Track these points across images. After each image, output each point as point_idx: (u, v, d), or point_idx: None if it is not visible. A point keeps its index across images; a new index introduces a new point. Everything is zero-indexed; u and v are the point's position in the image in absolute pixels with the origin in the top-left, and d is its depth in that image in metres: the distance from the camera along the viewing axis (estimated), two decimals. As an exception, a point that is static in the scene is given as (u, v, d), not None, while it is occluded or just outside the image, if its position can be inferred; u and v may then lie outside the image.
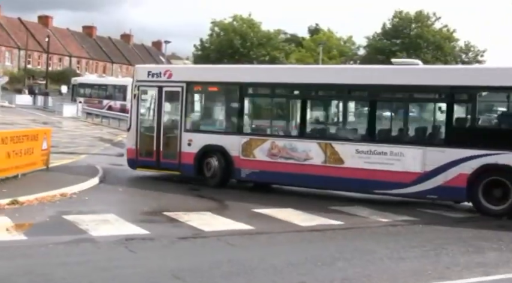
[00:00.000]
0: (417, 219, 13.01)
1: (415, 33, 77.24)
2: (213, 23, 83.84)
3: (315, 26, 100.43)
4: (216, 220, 11.95)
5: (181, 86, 16.99)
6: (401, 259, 9.37)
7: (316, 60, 77.50)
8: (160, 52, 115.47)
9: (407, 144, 14.47)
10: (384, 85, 15.07)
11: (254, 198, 15.38)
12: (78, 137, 30.36)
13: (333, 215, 12.87)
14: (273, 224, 11.90)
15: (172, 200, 14.63)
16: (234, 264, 8.66)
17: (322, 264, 8.77)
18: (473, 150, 13.48)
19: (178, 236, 10.33)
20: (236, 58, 77.56)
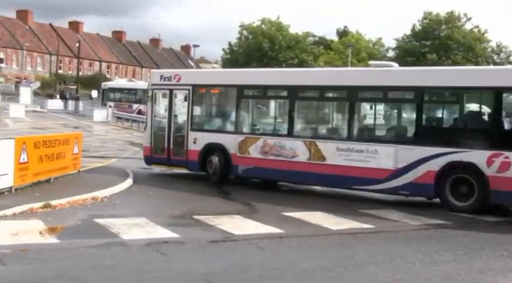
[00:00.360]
0: (450, 223, 12.84)
1: (445, 35, 76.41)
2: (241, 27, 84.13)
3: (343, 29, 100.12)
4: (246, 223, 11.93)
5: (188, 89, 18.46)
6: (434, 263, 9.24)
7: (344, 62, 77.20)
8: (189, 56, 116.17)
9: (381, 142, 15.22)
10: (360, 86, 15.90)
11: (284, 201, 15.35)
12: (108, 141, 30.66)
13: (363, 218, 12.76)
14: (303, 227, 11.84)
15: (202, 203, 14.67)
16: (265, 267, 8.63)
17: (353, 268, 8.70)
18: (439, 148, 14.06)
19: (209, 240, 10.33)
20: (264, 61, 77.66)
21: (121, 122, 45.77)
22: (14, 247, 9.23)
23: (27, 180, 14.14)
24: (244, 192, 16.46)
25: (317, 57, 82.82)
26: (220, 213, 12.96)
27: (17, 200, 12.50)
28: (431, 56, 73.40)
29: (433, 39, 77.06)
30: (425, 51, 74.66)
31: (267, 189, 17.10)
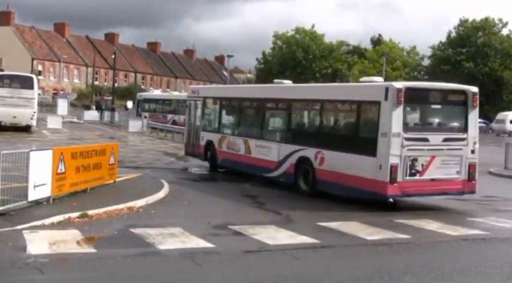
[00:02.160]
0: (489, 233, 12.62)
1: (481, 41, 75.40)
2: (275, 36, 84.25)
3: (377, 37, 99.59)
4: (280, 233, 11.90)
5: (201, 100, 24.49)
6: (473, 274, 9.11)
7: (379, 71, 76.72)
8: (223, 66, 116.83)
9: (273, 141, 19.84)
10: (263, 98, 21.35)
11: (319, 210, 15.28)
12: (143, 151, 30.90)
13: (399, 228, 12.63)
14: (338, 238, 11.76)
15: (237, 213, 14.67)
16: (300, 278, 8.59)
17: (389, 279, 8.61)
18: (297, 146, 18.36)
19: (244, 250, 10.33)
20: (298, 71, 77.59)
21: (156, 132, 46.09)
22: (52, 257, 9.37)
23: (65, 190, 14.32)
24: (279, 201, 16.46)
25: (351, 66, 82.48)
26: (255, 223, 12.94)
27: (55, 210, 12.67)
28: (468, 64, 72.40)
29: (469, 46, 76.12)
30: (461, 59, 73.72)
31: (301, 199, 17.03)
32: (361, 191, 15.69)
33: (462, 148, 15.65)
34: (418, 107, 16.42)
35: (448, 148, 15.55)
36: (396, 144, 14.91)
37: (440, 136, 15.68)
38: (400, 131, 14.98)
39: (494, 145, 33.47)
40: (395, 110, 14.98)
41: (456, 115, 16.47)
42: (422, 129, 15.85)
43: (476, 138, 15.97)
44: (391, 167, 14.84)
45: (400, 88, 15.23)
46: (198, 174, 23.45)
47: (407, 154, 15.01)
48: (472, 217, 14.52)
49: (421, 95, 16.15)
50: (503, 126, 64.99)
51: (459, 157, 15.62)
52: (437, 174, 15.43)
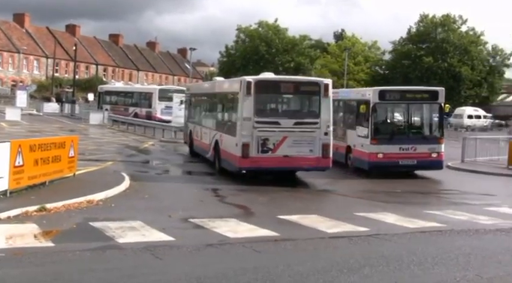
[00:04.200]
0: (445, 226, 12.82)
1: (441, 37, 76.47)
2: (238, 30, 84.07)
3: (340, 32, 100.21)
4: (241, 226, 11.92)
5: (188, 96, 29.29)
6: (430, 266, 9.24)
7: (341, 66, 77.26)
8: (185, 59, 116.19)
9: (208, 127, 23.12)
10: (205, 93, 26.46)
11: (279, 204, 15.40)
12: (104, 144, 30.60)
13: (359, 221, 12.77)
14: (298, 231, 11.83)
15: (198, 207, 14.68)
16: (260, 271, 8.62)
17: (348, 271, 8.70)
18: (214, 131, 21.79)
19: (204, 243, 10.31)
20: (261, 64, 77.59)
21: (117, 125, 45.66)
22: (8, 251, 9.22)
23: (23, 184, 14.10)
24: (240, 195, 16.53)
25: (314, 61, 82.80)
26: (216, 216, 12.94)
27: (12, 203, 12.48)
28: (427, 59, 73.38)
29: (429, 42, 77.14)
30: (421, 54, 74.67)
31: (262, 192, 17.10)
32: (232, 165, 19.01)
33: (315, 131, 18.44)
34: (270, 96, 19.88)
35: (299, 130, 18.36)
36: (247, 127, 18.08)
37: (292, 120, 18.52)
38: (251, 116, 18.09)
39: (452, 139, 34.00)
40: (247, 98, 18.17)
41: (309, 103, 19.70)
42: (274, 115, 19.25)
43: (329, 122, 18.66)
44: (243, 145, 18.11)
45: (250, 81, 18.49)
46: (160, 167, 23.38)
47: (258, 135, 18.12)
48: (430, 210, 14.75)
49: (272, 86, 19.60)
50: (461, 120, 66.15)
51: (312, 138, 18.40)
52: (290, 152, 18.30)
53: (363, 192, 18.52)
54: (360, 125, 22.24)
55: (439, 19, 77.64)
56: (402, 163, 21.31)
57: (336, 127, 22.97)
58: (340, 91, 27.96)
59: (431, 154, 21.37)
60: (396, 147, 21.25)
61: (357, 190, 18.78)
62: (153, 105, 49.46)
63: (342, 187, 19.47)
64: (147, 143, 33.01)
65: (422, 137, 21.97)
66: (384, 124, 22.41)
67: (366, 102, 21.55)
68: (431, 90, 23.62)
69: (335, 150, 22.44)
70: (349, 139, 23.18)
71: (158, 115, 47.35)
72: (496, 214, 14.59)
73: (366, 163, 21.56)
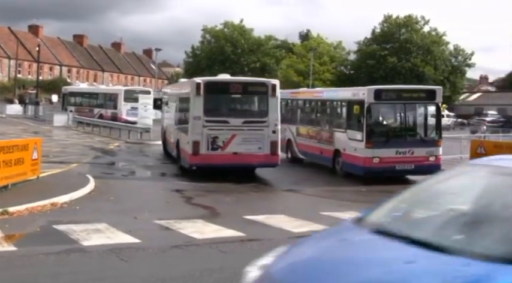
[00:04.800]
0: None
1: (404, 38, 77.40)
2: (204, 30, 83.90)
3: (306, 32, 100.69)
4: (207, 227, 11.92)
5: (163, 97, 30.10)
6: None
7: (307, 66, 77.65)
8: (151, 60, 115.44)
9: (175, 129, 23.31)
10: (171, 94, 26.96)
11: (246, 205, 15.45)
12: (69, 146, 30.24)
13: (325, 221, 12.82)
14: (264, 231, 11.86)
15: (164, 208, 14.64)
16: (226, 271, 8.63)
17: (314, 270, 8.74)
18: (176, 130, 22.50)
19: (170, 244, 10.30)
20: (227, 65, 77.55)
21: (82, 127, 45.13)
22: (-30, 256, 9.07)
23: (-15, 187, 13.87)
24: (207, 195, 16.51)
25: (279, 61, 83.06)
26: (182, 217, 12.92)
27: (-26, 207, 12.26)
28: (392, 59, 74.20)
29: (393, 42, 78.00)
30: (385, 54, 75.48)
31: (229, 193, 17.12)
32: (186, 162, 19.91)
33: (263, 129, 19.25)
34: (219, 97, 20.42)
35: (248, 129, 19.23)
36: (197, 125, 19.03)
37: (241, 119, 19.40)
38: (200, 115, 19.05)
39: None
40: (197, 99, 19.22)
41: (257, 102, 20.59)
42: (223, 114, 19.86)
43: (277, 121, 19.46)
44: (194, 143, 19.01)
45: (199, 82, 19.59)
46: (126, 169, 23.20)
47: (208, 133, 19.01)
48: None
49: (221, 87, 20.48)
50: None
51: (261, 136, 19.22)
52: (240, 149, 19.12)
53: (328, 191, 18.65)
54: (352, 127, 20.67)
55: (402, 20, 78.59)
56: (399, 168, 19.88)
57: (320, 129, 23.05)
58: (326, 90, 26.58)
59: (429, 158, 20.04)
60: (393, 150, 19.76)
61: (323, 190, 18.89)
62: (118, 106, 49.02)
63: (308, 187, 19.58)
64: (113, 145, 32.74)
65: (419, 139, 20.49)
66: (379, 126, 20.97)
67: (360, 102, 19.94)
68: (428, 88, 22.70)
69: (319, 153, 23.06)
70: (338, 142, 21.57)
71: (124, 116, 46.95)
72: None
73: (361, 169, 19.95)
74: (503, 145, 26.22)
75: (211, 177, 19.36)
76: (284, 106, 26.87)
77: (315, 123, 24.15)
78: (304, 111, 26.20)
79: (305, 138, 24.69)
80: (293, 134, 25.72)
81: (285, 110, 26.85)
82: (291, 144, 25.82)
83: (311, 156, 24.19)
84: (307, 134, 24.60)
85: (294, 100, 27.38)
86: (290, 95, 28.17)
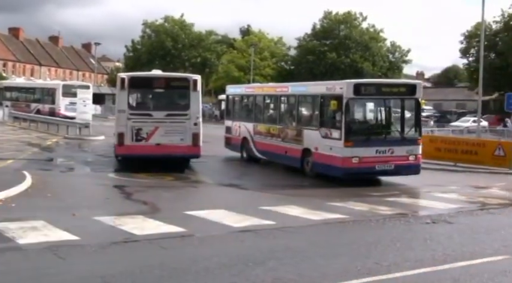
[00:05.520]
0: (348, 217, 13.24)
1: (343, 34, 78.35)
2: (144, 24, 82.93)
3: (246, 27, 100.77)
4: (148, 223, 11.83)
5: None
6: (332, 256, 9.54)
7: (247, 61, 77.76)
8: (90, 54, 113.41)
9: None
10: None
11: (187, 200, 15.43)
12: (4, 142, 29.46)
13: (265, 215, 12.95)
14: (205, 226, 11.87)
15: (104, 205, 14.44)
16: (166, 267, 8.62)
17: (253, 264, 8.83)
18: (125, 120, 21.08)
19: (109, 241, 10.18)
20: (168, 60, 76.92)
21: (18, 122, 44.02)
22: None
23: None
24: (147, 191, 16.38)
25: (220, 56, 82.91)
26: (122, 213, 12.79)
27: None
28: (331, 55, 75.03)
29: (332, 38, 78.80)
30: (325, 50, 76.25)
31: (169, 188, 17.07)
32: (114, 153, 21.07)
33: (185, 122, 20.26)
34: (143, 91, 21.70)
35: (170, 121, 20.27)
36: (122, 118, 20.11)
37: (163, 112, 20.42)
38: (125, 108, 20.14)
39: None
40: (121, 93, 20.27)
41: (179, 97, 21.22)
42: (146, 107, 21.07)
43: (198, 114, 20.50)
44: (119, 134, 20.13)
45: (124, 77, 20.51)
46: (65, 165, 22.81)
47: (132, 125, 20.06)
48: (333, 202, 15.15)
49: (145, 82, 21.73)
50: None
51: (183, 128, 20.23)
52: (163, 141, 20.17)
53: (269, 186, 18.77)
54: (326, 124, 19.19)
55: (341, 16, 79.49)
56: (379, 168, 18.53)
57: (284, 127, 21.75)
58: (291, 85, 23.89)
59: (409, 157, 18.79)
60: (372, 149, 18.35)
61: (264, 184, 19.01)
62: (56, 101, 48.12)
63: (249, 181, 19.67)
64: (51, 140, 32.06)
65: (400, 137, 19.09)
66: (358, 123, 19.46)
67: (337, 97, 18.37)
68: (408, 83, 21.13)
69: (283, 153, 21.43)
70: (307, 141, 20.04)
71: (62, 111, 46.14)
72: (395, 204, 15.19)
73: (339, 170, 18.39)
74: (437, 139, 27.00)
75: (152, 172, 19.27)
76: (238, 102, 26.38)
77: (278, 120, 22.52)
78: (263, 108, 24.23)
79: (265, 136, 23.06)
80: (249, 131, 24.13)
81: (239, 106, 26.18)
82: (247, 142, 24.30)
83: (272, 155, 22.61)
84: (267, 132, 22.97)
85: (251, 96, 25.59)
86: (245, 90, 26.94)
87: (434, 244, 10.61)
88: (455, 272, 8.76)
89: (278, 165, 22.46)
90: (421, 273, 8.64)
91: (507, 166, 23.37)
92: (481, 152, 24.22)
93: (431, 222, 12.82)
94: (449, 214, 13.97)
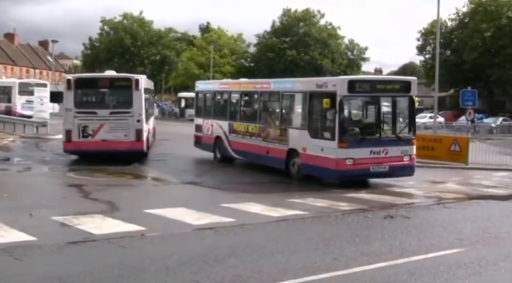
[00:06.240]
0: (307, 213, 13.34)
1: (302, 31, 78.79)
2: (102, 22, 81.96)
3: (206, 25, 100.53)
4: (107, 222, 11.73)
5: None
6: (292, 253, 9.61)
7: (207, 58, 77.61)
8: (47, 52, 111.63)
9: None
10: None
11: (146, 198, 15.34)
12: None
13: (225, 212, 12.96)
14: (165, 224, 11.82)
15: (61, 204, 14.27)
16: (125, 266, 8.57)
17: (214, 262, 8.85)
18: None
19: (67, 241, 10.07)
20: (127, 57, 76.26)
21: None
22: None
23: None
24: (105, 190, 16.21)
25: (180, 53, 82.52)
26: (80, 213, 12.63)
27: None
28: (291, 52, 75.39)
29: (292, 35, 79.19)
30: (284, 47, 76.57)
31: (128, 187, 16.95)
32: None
33: (128, 119, 21.62)
34: (88, 91, 23.20)
35: (114, 119, 21.62)
36: (69, 116, 21.56)
37: (108, 110, 21.90)
38: (71, 107, 21.55)
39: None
40: (68, 93, 21.75)
41: (123, 95, 22.44)
42: (92, 106, 22.52)
43: (141, 111, 21.82)
44: (66, 131, 21.57)
45: (70, 79, 22.19)
46: (21, 164, 22.47)
47: (79, 123, 21.47)
48: (293, 198, 15.24)
49: (90, 82, 23.59)
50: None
51: (126, 125, 21.58)
52: (108, 137, 21.51)
53: (230, 183, 18.77)
54: (316, 123, 18.18)
55: (300, 13, 79.94)
56: (373, 170, 17.54)
57: (266, 126, 20.53)
58: (275, 81, 21.96)
59: (404, 157, 17.88)
60: (367, 150, 17.35)
61: (223, 182, 19.00)
62: (12, 99, 47.19)
63: (209, 179, 19.64)
64: (7, 140, 31.47)
65: (394, 137, 18.19)
66: (352, 122, 18.25)
67: (330, 95, 17.16)
68: (403, 80, 19.85)
69: (264, 153, 20.24)
70: (294, 141, 18.86)
71: (18, 110, 45.28)
72: (354, 200, 15.37)
73: (332, 173, 17.43)
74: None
75: (111, 171, 19.12)
76: (210, 99, 24.82)
77: (259, 118, 21.02)
78: (240, 105, 22.77)
79: (243, 135, 21.72)
80: (224, 130, 22.87)
81: (211, 103, 24.71)
82: (221, 142, 23.04)
83: (251, 156, 21.37)
84: (245, 131, 21.64)
85: (225, 92, 24.07)
86: (219, 86, 25.42)
87: (391, 238, 10.79)
88: (411, 266, 8.93)
89: (243, 164, 22.37)
90: (379, 267, 8.79)
91: (463, 161, 23.86)
92: (437, 148, 24.66)
93: (389, 217, 13.02)
94: (406, 209, 14.23)
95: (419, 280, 8.29)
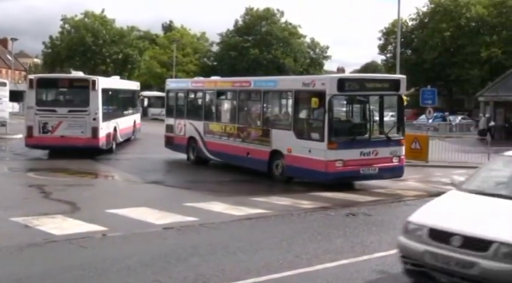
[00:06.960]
0: (271, 212, 13.39)
1: (265, 30, 78.98)
2: (63, 20, 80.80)
3: (168, 23, 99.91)
4: (67, 223, 11.59)
5: None
6: (254, 251, 9.64)
7: (170, 57, 77.18)
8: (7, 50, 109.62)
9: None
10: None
11: (108, 198, 15.22)
12: None
13: (188, 211, 12.92)
14: (127, 224, 11.73)
15: (22, 205, 14.02)
16: (86, 267, 8.48)
17: (176, 261, 8.82)
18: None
19: (28, 242, 9.92)
20: (88, 56, 75.35)
21: None
22: None
23: None
24: (66, 191, 15.99)
25: (142, 52, 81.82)
26: (41, 213, 12.44)
27: None
28: (254, 50, 75.49)
29: (254, 34, 79.29)
30: (247, 46, 76.64)
31: (89, 187, 16.77)
32: None
33: (85, 117, 23.18)
34: (49, 90, 24.97)
35: (72, 116, 23.27)
36: (31, 113, 23.47)
37: (66, 108, 23.55)
38: (33, 105, 23.37)
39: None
40: (30, 92, 23.75)
41: (80, 95, 23.86)
42: (51, 104, 24.15)
43: (97, 110, 23.24)
44: (28, 127, 23.37)
45: (32, 78, 24.25)
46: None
47: (39, 120, 23.19)
48: (256, 197, 15.27)
49: (51, 82, 25.45)
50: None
51: (83, 122, 23.18)
52: (66, 133, 23.10)
53: (192, 182, 18.70)
54: (303, 123, 17.67)
55: (261, 12, 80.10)
56: (363, 172, 16.91)
57: (246, 126, 19.72)
58: (255, 80, 21.09)
59: (393, 159, 17.37)
60: (357, 151, 16.69)
61: (186, 181, 18.92)
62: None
63: (171, 178, 19.56)
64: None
65: (384, 137, 17.56)
66: (342, 122, 17.76)
67: (319, 94, 16.47)
68: (392, 78, 19.51)
69: (244, 155, 19.44)
70: (277, 142, 18.07)
71: (-24, 109, 44.33)
72: (317, 198, 15.46)
73: (322, 175, 16.63)
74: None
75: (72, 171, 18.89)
76: (183, 98, 24.09)
77: (238, 118, 20.19)
78: (217, 104, 22.08)
79: (219, 136, 20.92)
80: (198, 131, 22.10)
81: (183, 102, 23.94)
82: (196, 142, 22.26)
83: (230, 157, 20.51)
84: (222, 131, 20.83)
85: (199, 91, 23.41)
86: (192, 85, 24.46)
87: (353, 236, 10.90)
88: (373, 262, 9.03)
89: (212, 164, 22.00)
90: (341, 265, 8.87)
91: (423, 159, 24.21)
92: (398, 146, 24.92)
93: (351, 215, 13.14)
94: (368, 207, 14.38)
95: (381, 277, 8.39)
